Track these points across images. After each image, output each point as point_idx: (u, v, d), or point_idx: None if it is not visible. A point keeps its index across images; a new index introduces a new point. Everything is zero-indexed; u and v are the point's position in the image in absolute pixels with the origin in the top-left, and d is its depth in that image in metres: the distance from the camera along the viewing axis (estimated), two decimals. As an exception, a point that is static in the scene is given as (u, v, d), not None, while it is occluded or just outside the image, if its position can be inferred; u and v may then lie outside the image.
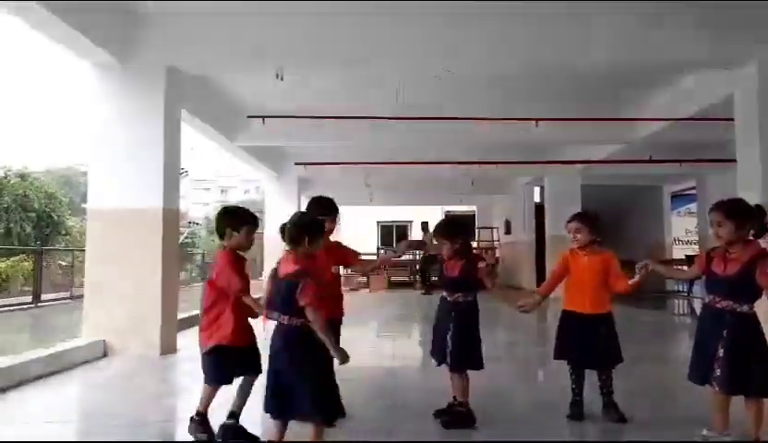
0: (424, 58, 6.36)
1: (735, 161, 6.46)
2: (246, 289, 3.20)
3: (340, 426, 3.17)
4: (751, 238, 3.06)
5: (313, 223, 2.96)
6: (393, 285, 16.92)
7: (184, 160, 6.92)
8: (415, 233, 25.20)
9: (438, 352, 3.61)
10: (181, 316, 7.02)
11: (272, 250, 13.88)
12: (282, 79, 6.40)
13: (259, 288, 3.30)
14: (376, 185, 15.80)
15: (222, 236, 3.31)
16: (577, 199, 12.92)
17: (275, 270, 2.90)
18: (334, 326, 3.47)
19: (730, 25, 5.96)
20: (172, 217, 6.25)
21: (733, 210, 3.05)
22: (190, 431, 3.21)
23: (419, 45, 6.20)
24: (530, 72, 7.63)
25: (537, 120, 8.80)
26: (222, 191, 67.73)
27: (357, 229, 24.84)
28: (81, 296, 6.88)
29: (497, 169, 11.94)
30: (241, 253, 3.33)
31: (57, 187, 24.31)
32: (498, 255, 18.39)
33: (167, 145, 6.12)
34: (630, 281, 3.47)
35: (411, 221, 26.04)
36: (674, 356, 6.80)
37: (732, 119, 6.55)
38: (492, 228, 20.27)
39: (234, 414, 3.19)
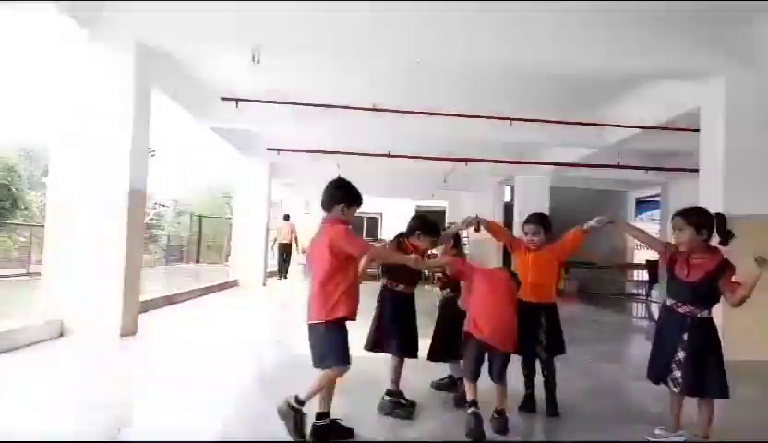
0: (402, 51, 6.34)
1: (698, 170, 6.65)
2: None
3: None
4: (717, 246, 3.15)
5: None
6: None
7: (152, 139, 6.74)
8: (385, 229, 25.29)
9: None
10: (142, 298, 6.90)
11: (240, 236, 13.73)
12: (258, 62, 6.29)
13: (223, 272, 3.25)
14: (347, 176, 15.71)
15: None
16: (545, 200, 13.13)
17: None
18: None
19: (700, 40, 6.13)
20: (137, 197, 6.10)
21: (691, 216, 3.16)
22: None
23: (399, 38, 6.18)
24: (505, 72, 7.69)
25: (511, 119, 8.90)
26: (192, 173, 66.42)
27: (327, 219, 24.70)
28: (39, 273, 6.67)
29: (468, 166, 12.04)
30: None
31: (18, 160, 23.47)
32: (466, 251, 18.56)
33: (135, 124, 5.96)
34: (586, 226, 3.63)
35: (381, 214, 26.06)
36: (630, 357, 7.01)
37: (698, 130, 6.74)
38: (461, 224, 20.43)
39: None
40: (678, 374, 3.07)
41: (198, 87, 8.98)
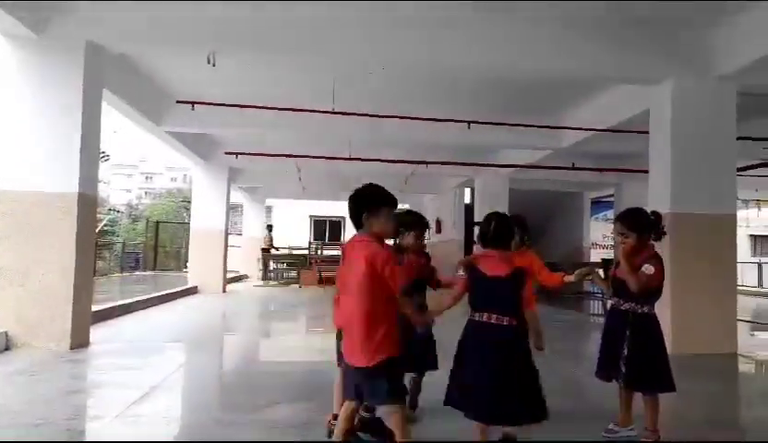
0: (361, 53, 6.33)
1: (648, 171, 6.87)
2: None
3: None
4: (651, 243, 3.26)
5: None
6: (326, 281, 16.75)
7: (105, 143, 6.52)
8: (348, 233, 25.12)
9: None
10: (96, 308, 6.66)
11: (198, 241, 13.44)
12: (214, 65, 6.19)
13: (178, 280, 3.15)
14: (308, 179, 15.61)
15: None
16: (504, 202, 13.36)
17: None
18: None
19: (649, 46, 6.34)
20: (88, 202, 5.88)
21: (635, 224, 3.25)
22: None
23: (357, 40, 6.16)
24: (463, 76, 7.79)
25: (470, 122, 9.00)
26: (147, 178, 64.88)
27: (289, 223, 24.53)
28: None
29: (428, 168, 12.12)
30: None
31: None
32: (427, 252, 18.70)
33: (86, 125, 5.74)
34: (566, 278, 3.64)
35: (343, 217, 25.92)
36: (586, 353, 7.16)
37: (648, 132, 6.96)
38: (423, 227, 20.57)
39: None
40: (624, 370, 3.16)
41: (153, 89, 8.76)
